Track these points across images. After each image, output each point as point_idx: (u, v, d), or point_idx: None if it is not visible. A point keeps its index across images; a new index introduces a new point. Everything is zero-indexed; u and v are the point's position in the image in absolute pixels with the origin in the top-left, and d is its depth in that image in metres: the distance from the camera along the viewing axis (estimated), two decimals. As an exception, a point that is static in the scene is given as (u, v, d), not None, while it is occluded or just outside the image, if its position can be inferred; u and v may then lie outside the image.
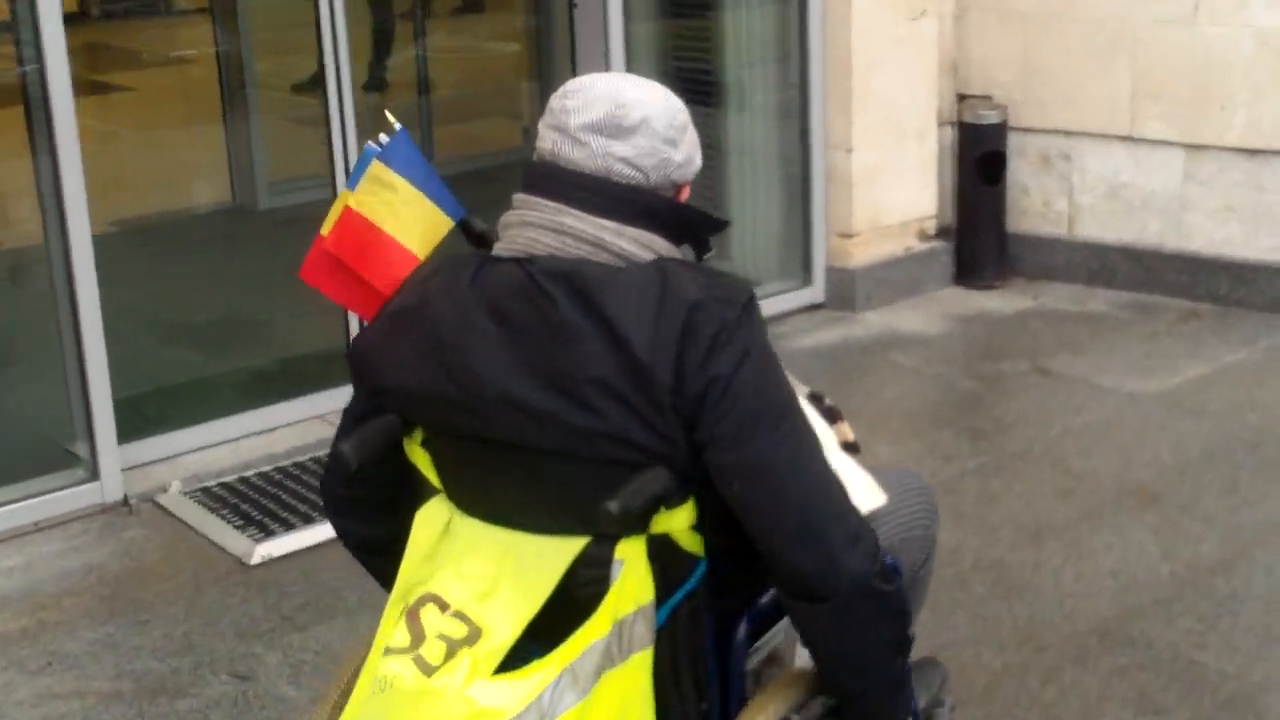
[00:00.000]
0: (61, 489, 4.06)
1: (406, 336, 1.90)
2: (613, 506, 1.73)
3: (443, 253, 2.11)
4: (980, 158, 5.77)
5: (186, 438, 4.37)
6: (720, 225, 1.96)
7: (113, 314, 4.11)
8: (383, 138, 2.25)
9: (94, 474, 4.08)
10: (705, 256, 1.96)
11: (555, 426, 1.79)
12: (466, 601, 1.81)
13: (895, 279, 5.67)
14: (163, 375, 4.94)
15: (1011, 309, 5.63)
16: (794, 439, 1.81)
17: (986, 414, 4.71)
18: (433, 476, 1.96)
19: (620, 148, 1.85)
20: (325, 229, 2.24)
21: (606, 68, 4.91)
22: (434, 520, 1.92)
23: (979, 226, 5.87)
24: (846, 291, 5.59)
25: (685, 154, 1.90)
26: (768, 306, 5.39)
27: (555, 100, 1.91)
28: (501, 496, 1.88)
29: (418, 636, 1.81)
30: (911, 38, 5.54)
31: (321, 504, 2.20)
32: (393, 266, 2.13)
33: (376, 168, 2.19)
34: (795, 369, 2.01)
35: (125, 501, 4.09)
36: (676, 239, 1.90)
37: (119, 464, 4.10)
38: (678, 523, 1.82)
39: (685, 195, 1.94)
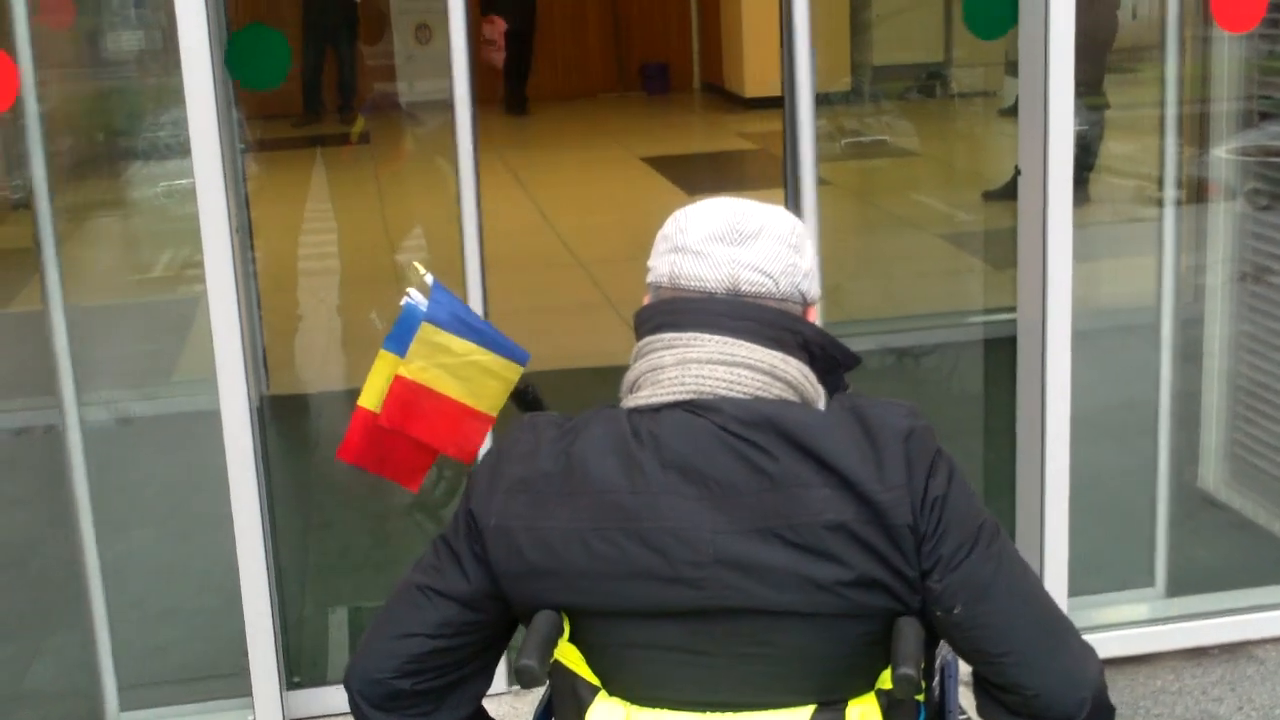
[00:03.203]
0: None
1: (564, 508, 1.70)
2: (910, 671, 1.63)
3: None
4: None
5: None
6: (855, 360, 1.81)
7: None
8: (414, 293, 2.14)
9: (254, 722, 3.36)
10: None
11: (792, 582, 1.66)
12: None
13: None
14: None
15: None
16: (1008, 555, 1.74)
17: None
18: (588, 673, 1.75)
19: (745, 254, 1.75)
20: (367, 401, 2.14)
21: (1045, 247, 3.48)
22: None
23: None
24: None
25: (810, 263, 1.81)
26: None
27: (666, 228, 1.82)
28: (701, 676, 1.72)
29: None
30: None
31: (359, 702, 1.83)
32: (465, 431, 2.11)
33: (427, 331, 2.10)
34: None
35: (285, 766, 3.35)
36: (820, 373, 1.77)
37: (282, 713, 3.36)
38: None
39: (814, 317, 1.82)
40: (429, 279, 2.13)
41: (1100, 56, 5.25)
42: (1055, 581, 3.51)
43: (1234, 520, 4.06)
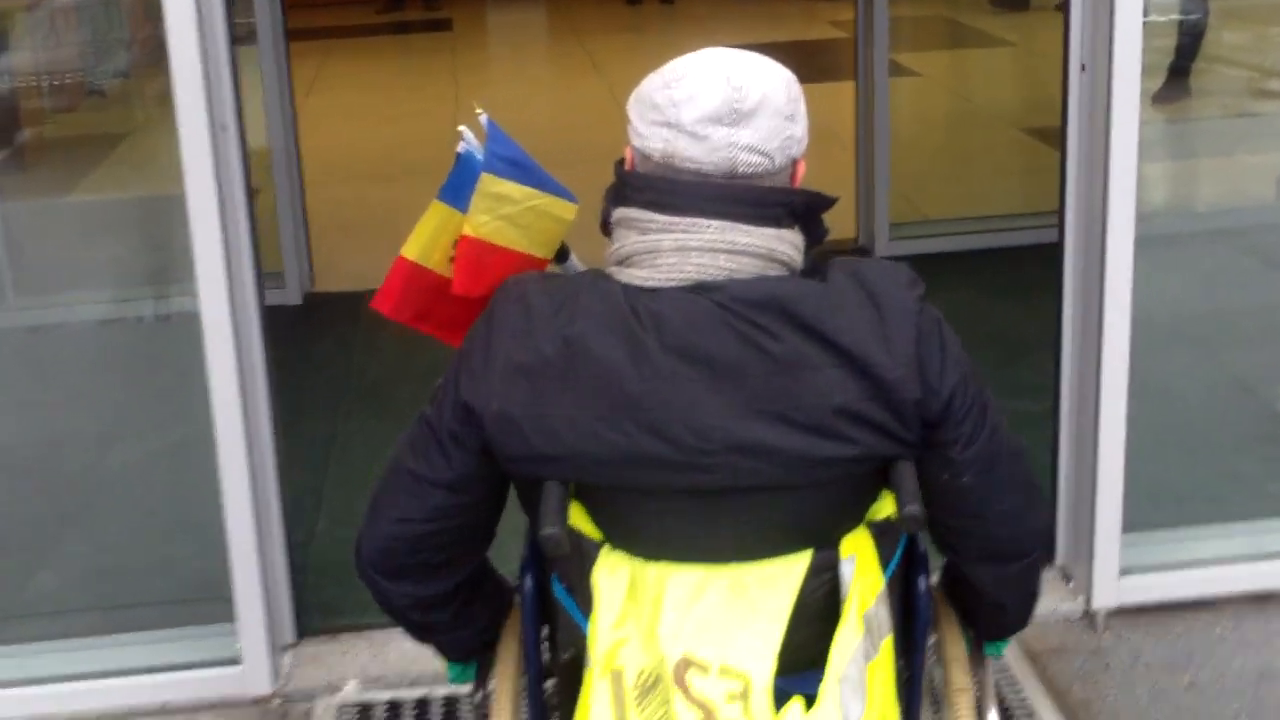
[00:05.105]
0: (199, 665, 3.20)
1: (568, 395, 1.70)
2: (916, 508, 1.72)
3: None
4: None
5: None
6: (832, 202, 1.82)
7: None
8: (467, 133, 2.08)
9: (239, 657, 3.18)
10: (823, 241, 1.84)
11: (798, 462, 1.70)
12: (720, 652, 1.70)
13: None
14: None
15: None
16: (1002, 422, 1.83)
17: None
18: (592, 530, 1.80)
19: (744, 135, 1.72)
20: (410, 251, 2.10)
21: (1106, 158, 3.14)
22: (616, 576, 1.76)
23: None
24: None
25: (802, 127, 1.79)
26: None
27: (656, 92, 1.76)
28: (704, 539, 1.77)
29: (708, 710, 1.68)
30: None
31: (370, 572, 1.89)
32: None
33: (486, 182, 2.03)
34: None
35: (274, 698, 3.17)
36: (803, 226, 1.80)
37: (269, 650, 3.18)
38: (893, 505, 1.78)
39: (802, 172, 1.82)
40: (484, 119, 2.07)
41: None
42: (1109, 514, 3.23)
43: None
